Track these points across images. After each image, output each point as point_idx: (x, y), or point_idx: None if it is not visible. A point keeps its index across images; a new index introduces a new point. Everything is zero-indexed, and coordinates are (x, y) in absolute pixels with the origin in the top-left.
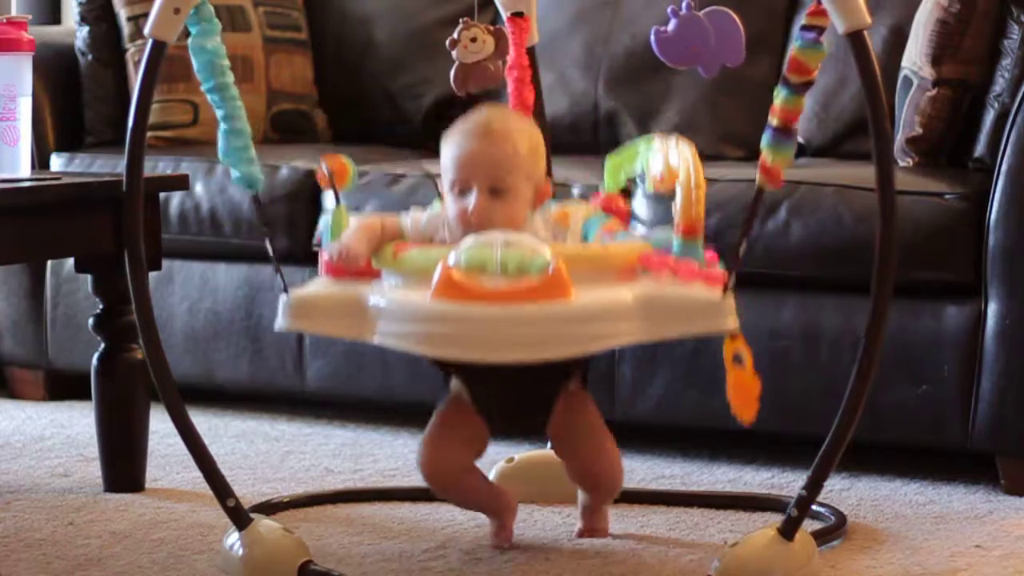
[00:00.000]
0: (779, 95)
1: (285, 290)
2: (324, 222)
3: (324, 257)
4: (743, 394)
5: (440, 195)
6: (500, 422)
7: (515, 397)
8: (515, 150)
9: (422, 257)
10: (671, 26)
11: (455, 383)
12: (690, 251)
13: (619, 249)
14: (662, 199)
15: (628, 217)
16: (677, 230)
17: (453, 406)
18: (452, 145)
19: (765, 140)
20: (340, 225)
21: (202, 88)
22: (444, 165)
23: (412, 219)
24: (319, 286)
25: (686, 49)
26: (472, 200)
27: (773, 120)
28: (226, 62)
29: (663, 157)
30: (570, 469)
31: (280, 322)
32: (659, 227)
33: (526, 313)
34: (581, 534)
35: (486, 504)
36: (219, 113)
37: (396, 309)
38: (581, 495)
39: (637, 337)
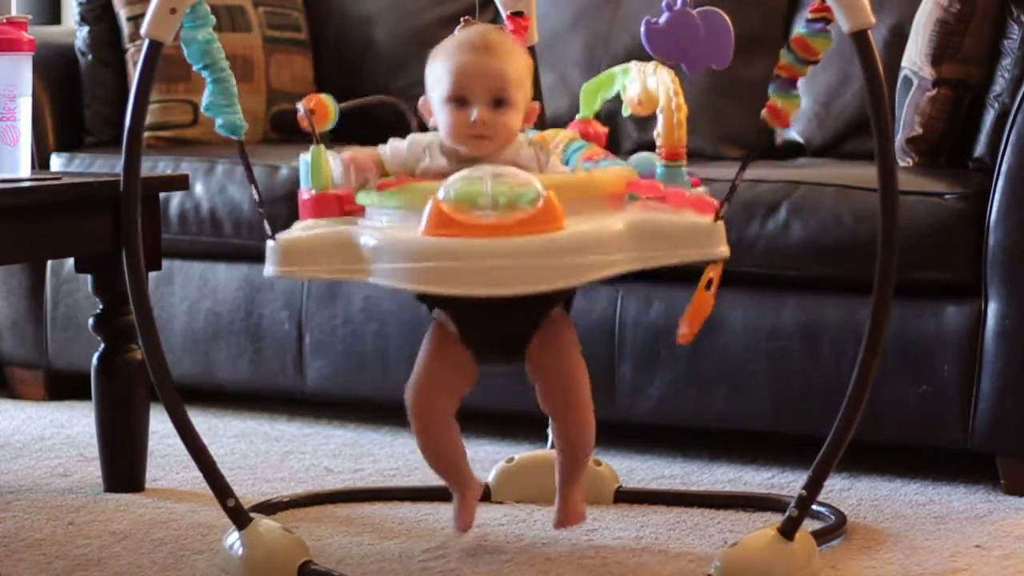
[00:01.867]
0: (785, 57)
1: (272, 236)
2: (303, 162)
3: (304, 197)
4: (697, 313)
5: (413, 123)
6: (486, 351)
7: (502, 327)
8: (515, 64)
9: (408, 192)
10: (663, 19)
11: (440, 318)
12: (674, 176)
13: (606, 176)
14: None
15: (606, 142)
16: (660, 155)
17: (439, 339)
18: (447, 59)
19: (773, 88)
20: (320, 165)
21: (194, 68)
22: (436, 78)
23: (392, 148)
24: (304, 228)
25: (674, 43)
26: (475, 111)
27: (780, 73)
28: (217, 45)
29: (641, 80)
30: (541, 398)
31: (269, 268)
32: (640, 152)
33: (520, 245)
34: (560, 522)
35: (454, 466)
36: (208, 79)
37: (388, 247)
38: (557, 466)
39: (629, 265)
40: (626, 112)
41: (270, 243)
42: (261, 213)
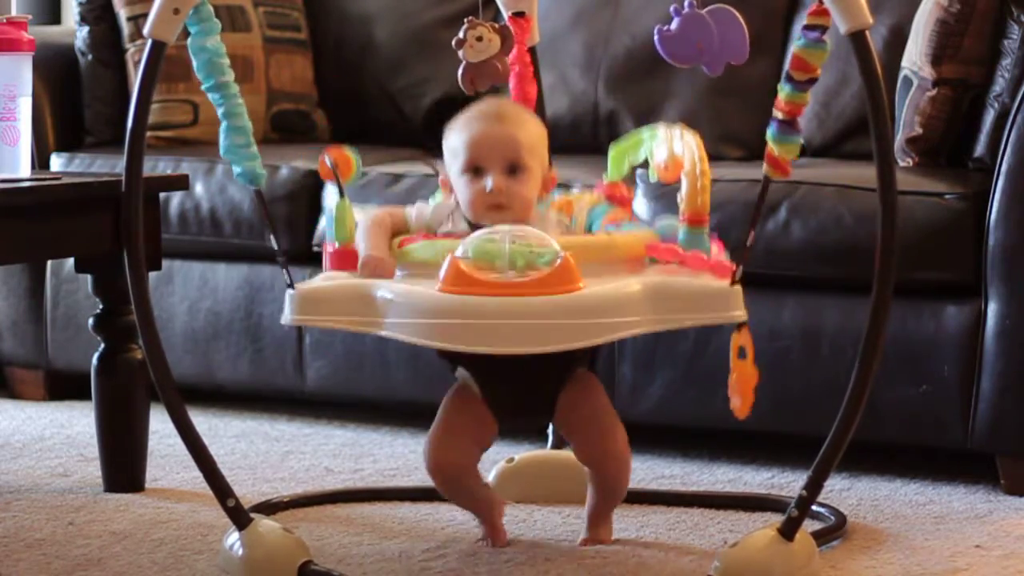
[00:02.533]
0: (783, 90)
1: (291, 285)
2: (328, 216)
3: (328, 250)
4: (743, 387)
5: (441, 187)
6: (508, 412)
7: (524, 386)
8: (528, 132)
9: (428, 250)
10: (674, 24)
11: (462, 374)
12: (696, 240)
13: (626, 239)
14: (661, 197)
15: (631, 205)
16: (683, 219)
17: (460, 398)
18: (464, 129)
19: (771, 132)
20: (344, 219)
21: (202, 87)
22: (454, 149)
23: (417, 210)
24: (324, 280)
25: (691, 47)
26: (490, 180)
27: (778, 113)
28: (226, 60)
29: (668, 146)
30: (579, 452)
31: (287, 317)
32: (664, 216)
33: (535, 304)
34: (585, 543)
35: (480, 505)
36: (219, 111)
37: (405, 302)
38: (589, 500)
39: (646, 327)
40: (652, 178)
41: (289, 292)
42: (281, 262)
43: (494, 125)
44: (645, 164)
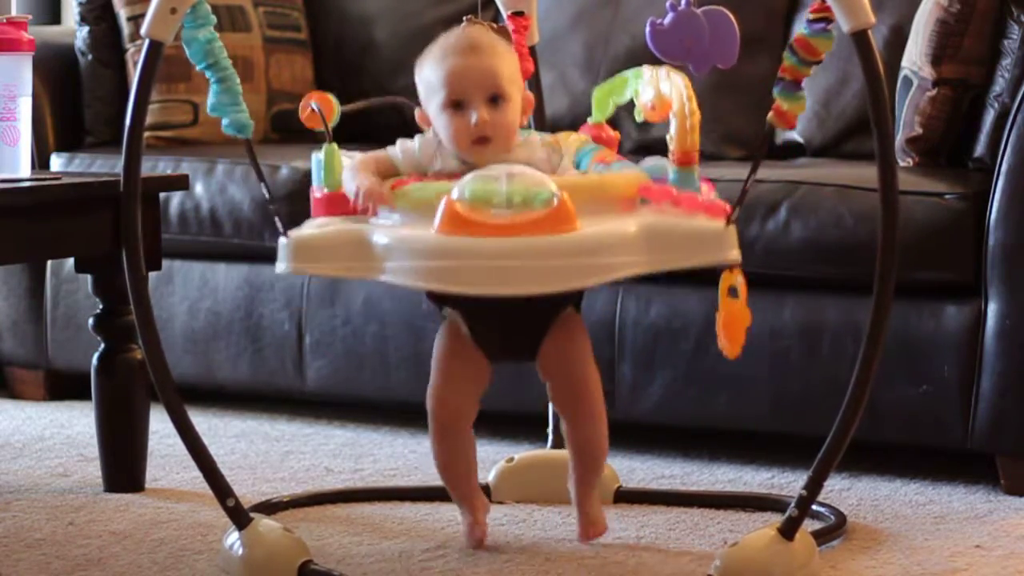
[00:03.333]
0: (788, 59)
1: (284, 233)
2: (316, 160)
3: (316, 195)
4: (733, 325)
5: (419, 122)
6: (496, 351)
7: (514, 326)
8: (505, 60)
9: (422, 191)
10: (667, 19)
11: (451, 317)
12: (686, 180)
13: (619, 179)
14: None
15: (617, 146)
16: (673, 159)
17: (452, 341)
18: (440, 64)
19: (778, 90)
20: (333, 164)
21: (197, 68)
22: (430, 84)
23: (403, 150)
24: (317, 226)
25: (679, 44)
26: (474, 114)
27: (784, 76)
28: (219, 44)
29: (654, 86)
30: (554, 396)
31: (281, 265)
32: (652, 157)
33: (534, 245)
34: (581, 535)
35: (465, 478)
36: (212, 78)
37: (402, 245)
38: (572, 474)
39: (641, 268)
40: (639, 117)
41: (282, 240)
42: (272, 210)
43: (470, 57)
44: (631, 105)
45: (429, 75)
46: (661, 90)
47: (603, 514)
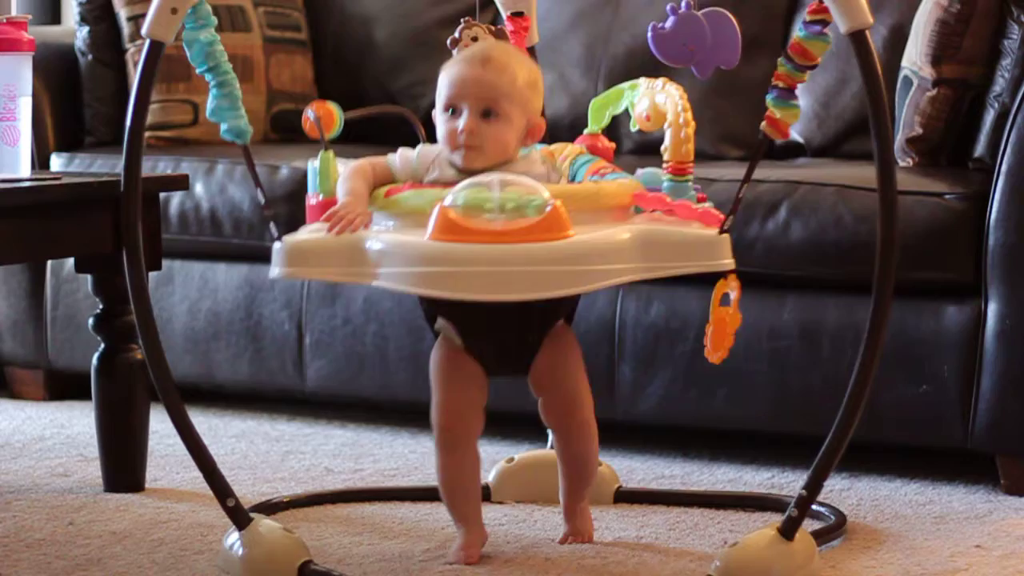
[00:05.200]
0: (783, 66)
1: (278, 238)
2: (312, 167)
3: (311, 202)
4: (720, 332)
5: (422, 137)
6: (490, 363)
7: (506, 340)
8: (511, 78)
9: (416, 198)
10: (669, 23)
11: (445, 330)
12: (680, 190)
13: (612, 187)
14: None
15: (613, 156)
16: (667, 168)
17: (449, 355)
18: (450, 70)
19: (771, 98)
20: (328, 171)
21: (197, 71)
22: (440, 86)
23: (402, 158)
24: (311, 231)
25: (682, 48)
26: (462, 121)
27: (778, 83)
28: (220, 47)
29: (650, 97)
30: (546, 405)
31: (275, 270)
32: (647, 167)
33: (526, 251)
34: (565, 539)
35: (469, 496)
36: (212, 82)
37: (395, 251)
38: (562, 483)
39: (634, 275)
40: (634, 127)
41: (277, 244)
42: (267, 215)
43: (476, 68)
44: (626, 115)
45: (441, 77)
46: (656, 101)
47: (591, 524)
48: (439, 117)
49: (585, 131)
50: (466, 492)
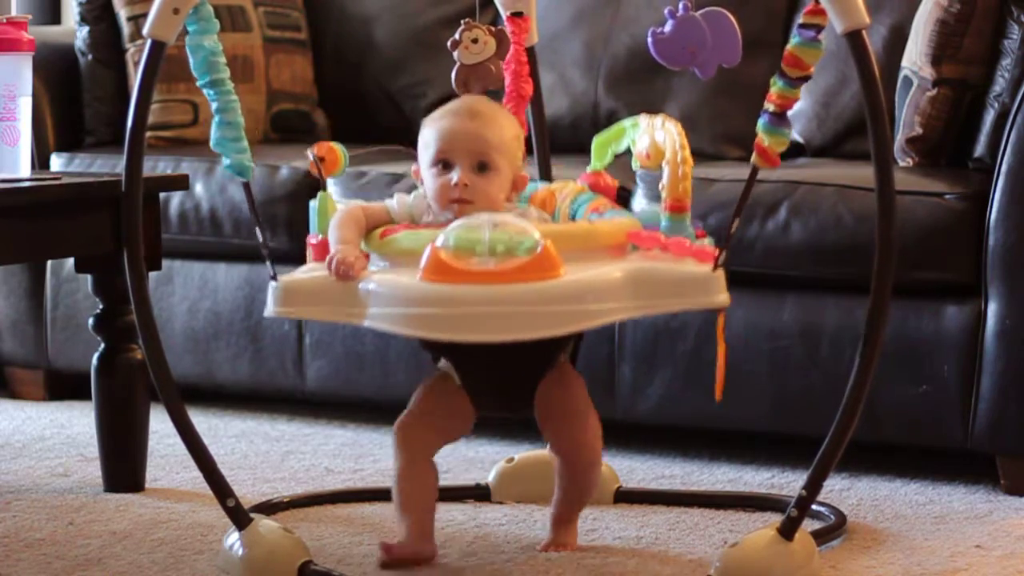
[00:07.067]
0: (776, 84)
1: (274, 277)
2: (311, 208)
3: (311, 243)
4: (722, 368)
5: (413, 176)
6: (489, 402)
7: (505, 376)
8: (500, 131)
9: (409, 239)
10: (667, 27)
11: (444, 364)
12: (678, 227)
13: (607, 226)
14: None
15: (615, 195)
16: (665, 206)
17: (438, 385)
18: (436, 124)
19: (761, 124)
20: (326, 211)
21: (198, 83)
22: (426, 142)
23: (398, 201)
24: (307, 271)
25: (683, 50)
26: (455, 174)
27: (769, 106)
28: (222, 59)
29: (649, 135)
30: (552, 442)
31: (270, 308)
32: (646, 204)
33: (516, 292)
34: (547, 547)
35: (422, 508)
36: (213, 106)
37: (386, 292)
38: (556, 499)
39: (627, 313)
40: (635, 165)
41: (272, 284)
42: (265, 254)
43: (466, 121)
44: (628, 153)
45: (426, 132)
46: (656, 139)
47: (575, 537)
48: (427, 172)
49: (587, 169)
50: (416, 500)
